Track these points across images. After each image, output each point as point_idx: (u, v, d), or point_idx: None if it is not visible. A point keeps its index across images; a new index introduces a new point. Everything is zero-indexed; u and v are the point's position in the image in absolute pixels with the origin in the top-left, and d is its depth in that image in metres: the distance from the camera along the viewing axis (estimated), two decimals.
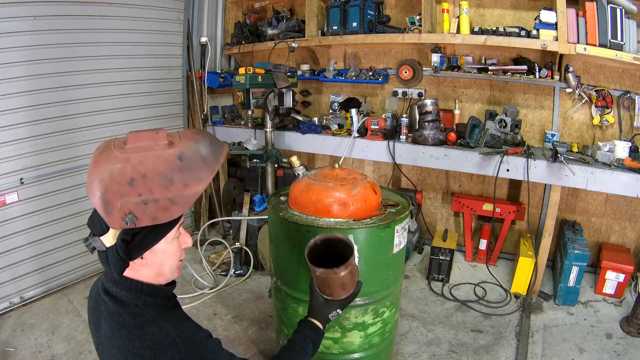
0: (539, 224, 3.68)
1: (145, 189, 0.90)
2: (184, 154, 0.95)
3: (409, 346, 2.72)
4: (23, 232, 3.06)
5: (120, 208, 0.90)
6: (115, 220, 0.91)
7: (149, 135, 0.96)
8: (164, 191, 0.92)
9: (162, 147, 0.95)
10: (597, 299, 3.24)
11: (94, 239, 1.00)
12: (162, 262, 1.06)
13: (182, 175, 0.93)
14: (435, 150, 3.28)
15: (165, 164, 0.92)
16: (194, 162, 0.95)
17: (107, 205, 0.90)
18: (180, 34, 3.95)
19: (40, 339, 2.72)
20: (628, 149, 2.88)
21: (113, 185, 0.90)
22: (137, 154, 0.93)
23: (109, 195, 0.90)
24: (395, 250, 1.95)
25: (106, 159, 0.92)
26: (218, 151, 1.01)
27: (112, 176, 0.90)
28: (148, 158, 0.92)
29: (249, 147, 3.48)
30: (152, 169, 0.91)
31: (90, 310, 1.16)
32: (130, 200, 0.90)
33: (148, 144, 0.95)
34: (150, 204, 0.91)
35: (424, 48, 3.71)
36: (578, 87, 3.26)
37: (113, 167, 0.91)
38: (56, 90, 3.10)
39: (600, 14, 2.81)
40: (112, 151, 0.94)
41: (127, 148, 0.94)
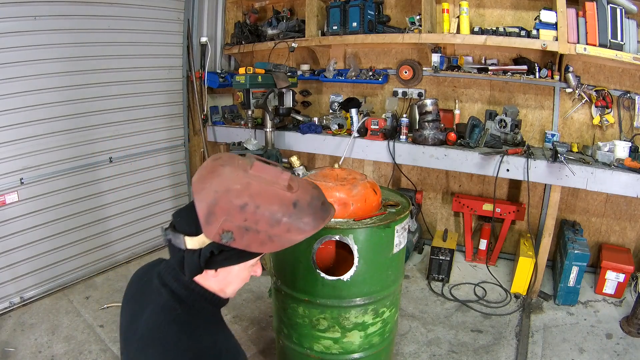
0: (539, 224, 3.68)
1: (252, 219, 0.93)
2: (299, 203, 0.98)
3: (409, 346, 2.72)
4: (23, 232, 3.06)
5: (222, 224, 0.92)
6: (212, 232, 0.93)
7: (274, 172, 0.99)
8: (267, 227, 0.94)
9: (282, 188, 0.98)
10: (597, 299, 3.24)
11: (177, 235, 0.99)
12: (230, 282, 1.08)
13: (290, 221, 0.96)
14: (435, 150, 3.28)
15: (279, 205, 0.95)
16: (304, 214, 0.98)
17: (211, 217, 0.92)
18: (180, 34, 3.95)
19: (40, 339, 2.72)
20: (628, 149, 2.88)
21: (225, 202, 0.92)
22: (259, 184, 0.95)
23: (217, 209, 0.92)
24: (395, 250, 1.95)
25: (228, 174, 0.96)
26: (326, 212, 1.05)
27: (228, 193, 0.92)
28: (267, 192, 0.95)
29: (249, 147, 3.48)
30: (267, 204, 0.94)
31: (132, 295, 1.16)
32: (234, 222, 0.92)
33: (271, 179, 0.98)
34: (251, 232, 0.94)
35: (424, 48, 3.71)
36: (578, 87, 3.26)
37: (233, 186, 0.94)
38: (56, 90, 3.10)
39: (600, 14, 2.81)
40: (236, 169, 0.97)
41: (251, 173, 0.97)
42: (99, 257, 3.59)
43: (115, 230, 3.69)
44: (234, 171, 0.96)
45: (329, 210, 1.06)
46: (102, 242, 3.60)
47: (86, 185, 3.41)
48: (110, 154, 3.55)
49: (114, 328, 2.86)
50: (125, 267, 3.71)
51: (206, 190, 0.93)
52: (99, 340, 2.73)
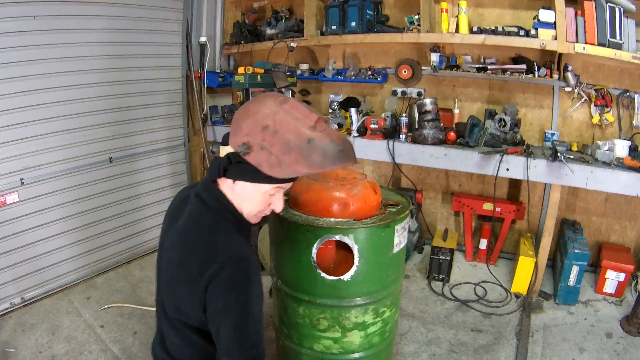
0: (539, 224, 3.68)
1: (269, 140, 1.06)
2: (314, 141, 1.07)
3: (409, 346, 2.72)
4: (24, 233, 3.06)
5: (244, 137, 1.08)
6: (234, 141, 1.10)
7: (304, 111, 1.11)
8: (279, 152, 1.06)
9: (305, 125, 1.08)
10: (597, 299, 3.24)
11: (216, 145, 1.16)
12: (244, 199, 1.20)
13: (300, 153, 1.07)
14: (435, 150, 3.28)
15: (296, 137, 1.07)
16: (315, 152, 1.08)
17: (237, 130, 1.09)
18: (180, 33, 3.95)
19: (40, 340, 2.72)
20: (627, 148, 2.87)
21: (252, 121, 1.08)
22: (285, 115, 1.08)
23: (244, 124, 1.08)
24: (395, 250, 1.95)
25: (263, 102, 1.10)
26: (338, 161, 1.11)
27: (257, 114, 1.08)
28: (289, 124, 1.07)
29: None
30: (285, 132, 1.06)
31: (172, 209, 1.32)
32: (254, 139, 1.07)
33: (299, 115, 1.09)
34: (264, 152, 1.07)
35: (423, 47, 3.71)
36: (577, 86, 3.27)
37: (265, 109, 1.09)
38: (56, 90, 3.10)
39: (599, 13, 2.81)
40: (273, 100, 1.11)
41: (283, 107, 1.10)
42: (99, 258, 3.59)
43: (115, 231, 3.69)
44: (270, 101, 1.10)
45: (344, 159, 1.12)
46: (103, 242, 3.60)
47: (86, 186, 3.41)
48: (110, 154, 3.55)
49: (115, 328, 2.86)
50: (125, 267, 3.71)
51: (244, 109, 1.12)
52: (99, 341, 2.73)
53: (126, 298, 3.23)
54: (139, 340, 2.75)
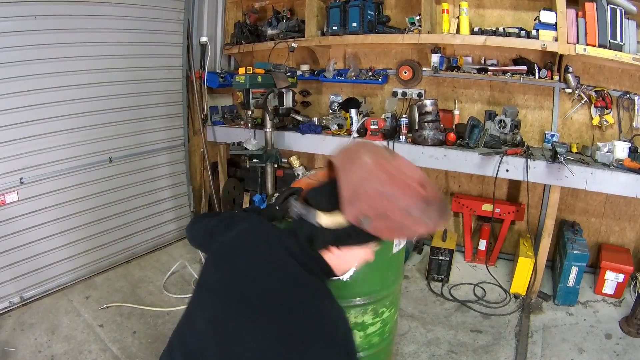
0: (538, 224, 3.68)
1: (390, 207, 1.02)
2: (429, 202, 1.06)
3: (409, 346, 2.72)
4: (23, 232, 3.06)
5: (363, 209, 1.02)
6: (352, 214, 1.03)
7: (413, 169, 1.09)
8: (400, 217, 1.03)
9: (418, 184, 1.06)
10: (596, 299, 3.24)
11: (311, 211, 1.07)
12: (347, 261, 1.16)
13: (420, 215, 1.04)
14: (435, 151, 3.28)
15: (415, 200, 1.04)
16: (431, 211, 1.06)
17: (354, 199, 1.02)
18: (180, 33, 3.95)
19: (40, 339, 2.72)
20: (627, 150, 2.87)
21: (370, 188, 1.01)
22: (401, 178, 1.04)
23: (361, 192, 1.02)
24: (394, 250, 1.95)
25: (376, 163, 1.05)
26: (446, 215, 1.12)
27: (374, 180, 1.02)
28: (408, 187, 1.04)
29: (248, 147, 3.48)
30: (406, 197, 1.03)
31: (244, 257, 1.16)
32: (374, 208, 1.02)
33: (410, 175, 1.07)
34: (386, 220, 1.03)
35: (424, 48, 3.71)
36: (577, 88, 3.27)
37: (380, 174, 1.03)
38: (56, 90, 3.10)
39: (599, 14, 2.81)
40: (383, 160, 1.06)
41: (394, 166, 1.06)
42: (98, 257, 3.59)
43: (115, 230, 3.69)
44: (379, 160, 1.05)
45: (447, 213, 1.15)
46: (102, 242, 3.60)
47: (86, 185, 3.41)
48: (110, 154, 3.54)
49: (114, 328, 2.86)
50: (125, 267, 3.71)
51: (353, 173, 1.03)
52: (98, 340, 2.73)
53: (125, 298, 3.23)
54: (138, 340, 2.75)
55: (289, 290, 1.07)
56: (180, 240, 4.25)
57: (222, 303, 1.10)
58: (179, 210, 4.28)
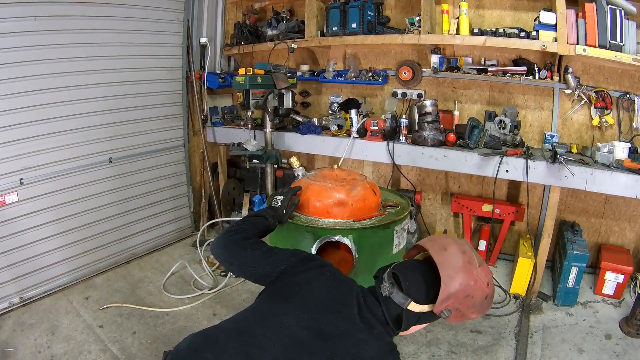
0: (538, 225, 3.68)
1: (466, 304, 1.28)
2: (489, 297, 1.33)
3: (408, 347, 2.72)
4: (23, 232, 3.06)
5: (449, 305, 1.27)
6: (439, 308, 1.27)
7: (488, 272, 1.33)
8: (469, 310, 1.30)
9: (486, 284, 1.31)
10: (596, 300, 3.24)
11: (402, 296, 1.29)
12: (412, 330, 1.39)
13: (480, 307, 1.32)
14: (435, 151, 3.28)
15: (482, 298, 1.30)
16: (487, 304, 1.34)
17: (447, 299, 1.25)
18: (180, 34, 3.95)
19: (39, 339, 2.72)
20: (627, 150, 2.87)
21: (461, 292, 1.26)
22: (481, 282, 1.29)
23: (454, 295, 1.25)
24: (394, 251, 1.96)
25: (470, 271, 1.28)
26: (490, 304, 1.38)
27: (465, 287, 1.26)
28: (481, 289, 1.29)
29: (248, 147, 3.48)
30: (478, 297, 1.29)
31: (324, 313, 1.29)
32: (455, 305, 1.27)
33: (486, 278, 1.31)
34: (459, 312, 1.29)
35: (424, 49, 3.71)
36: (577, 88, 3.27)
37: (470, 282, 1.27)
38: (56, 91, 3.10)
39: (599, 15, 2.81)
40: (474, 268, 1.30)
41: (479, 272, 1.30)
42: (98, 258, 3.59)
43: (114, 231, 3.69)
44: (473, 269, 1.29)
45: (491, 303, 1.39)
46: (102, 242, 3.60)
47: (86, 186, 3.41)
48: (109, 155, 3.55)
49: (114, 328, 2.86)
50: (124, 267, 3.71)
51: (455, 280, 1.26)
52: (98, 341, 2.73)
53: (125, 298, 3.22)
54: (138, 340, 2.75)
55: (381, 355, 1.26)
56: (180, 241, 4.25)
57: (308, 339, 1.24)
58: (179, 211, 4.28)
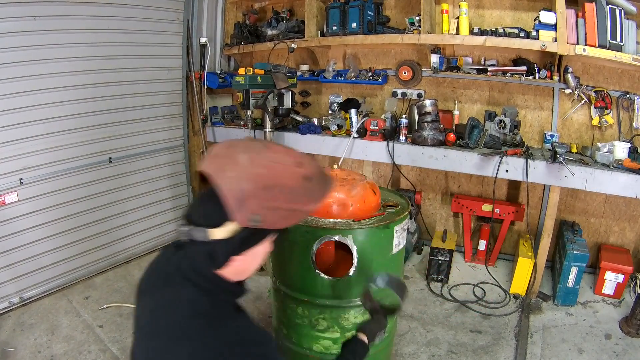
0: (538, 225, 3.68)
1: (275, 198, 1.00)
2: (308, 177, 1.06)
3: (408, 347, 2.72)
4: (22, 232, 3.06)
5: (251, 208, 0.98)
6: (243, 219, 0.98)
7: (286, 151, 1.08)
8: (288, 203, 1.02)
9: (295, 165, 1.05)
10: (596, 300, 3.24)
11: (199, 229, 1.02)
12: (252, 262, 1.11)
13: (305, 194, 1.05)
14: (435, 151, 3.28)
15: (294, 181, 1.03)
16: (314, 186, 1.07)
17: (240, 202, 0.97)
18: (180, 34, 3.95)
19: (39, 339, 2.72)
20: (627, 150, 2.88)
21: (252, 187, 0.98)
22: (275, 164, 1.03)
23: (245, 194, 0.97)
24: (394, 251, 1.95)
25: (250, 160, 1.01)
26: (330, 181, 1.14)
27: (254, 178, 0.99)
28: (286, 172, 1.03)
29: None
30: (284, 182, 1.02)
31: (150, 289, 1.16)
32: (262, 204, 0.99)
33: (284, 158, 1.05)
34: (276, 211, 1.01)
35: (424, 49, 3.71)
36: (577, 88, 3.27)
37: (257, 170, 1.00)
38: (56, 91, 3.10)
39: (599, 14, 2.81)
40: (256, 155, 1.03)
41: (269, 156, 1.04)
42: (98, 258, 3.59)
43: (114, 231, 3.69)
44: (252, 156, 1.02)
45: (330, 179, 1.16)
46: (102, 242, 3.60)
47: (86, 186, 3.41)
48: (109, 154, 3.55)
49: (114, 328, 2.86)
50: (124, 267, 3.71)
51: (231, 178, 0.98)
52: (98, 341, 2.73)
53: (125, 298, 3.22)
54: None
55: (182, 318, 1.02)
56: None
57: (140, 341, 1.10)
58: (179, 211, 4.28)
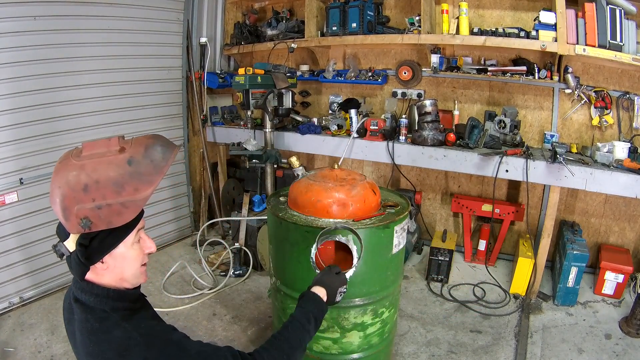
0: (538, 225, 3.68)
1: (98, 195, 0.95)
2: (133, 159, 1.00)
3: (408, 346, 2.72)
4: (23, 232, 3.06)
5: (76, 214, 0.95)
6: (73, 226, 0.96)
7: (102, 143, 1.02)
8: (116, 196, 0.96)
9: (114, 153, 1.00)
10: (596, 300, 3.24)
11: (61, 245, 1.02)
12: (123, 267, 1.07)
13: (132, 180, 0.98)
14: (435, 151, 3.28)
15: (116, 170, 0.97)
16: (143, 166, 1.00)
17: (65, 212, 0.96)
18: (180, 34, 3.95)
19: (39, 339, 2.72)
20: (627, 150, 2.88)
21: (69, 192, 0.95)
22: (91, 160, 0.98)
23: (66, 202, 0.95)
24: (394, 251, 1.96)
25: (64, 168, 0.98)
26: (166, 153, 1.06)
27: (68, 184, 0.96)
28: (101, 164, 0.98)
29: (248, 147, 3.48)
30: (104, 175, 0.96)
31: (66, 322, 1.16)
32: (85, 206, 0.95)
33: (101, 151, 1.00)
34: (104, 208, 0.96)
35: (424, 49, 3.71)
36: (577, 88, 3.27)
37: (69, 174, 0.96)
38: (56, 91, 3.10)
39: (599, 14, 2.81)
40: (70, 160, 0.99)
41: (83, 156, 1.00)
42: None
43: None
44: (68, 162, 0.99)
45: (170, 150, 1.06)
46: None
47: None
48: None
49: None
50: None
51: (53, 190, 0.97)
52: None
53: None
54: None
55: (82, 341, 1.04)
56: (179, 241, 4.25)
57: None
58: (179, 211, 4.28)
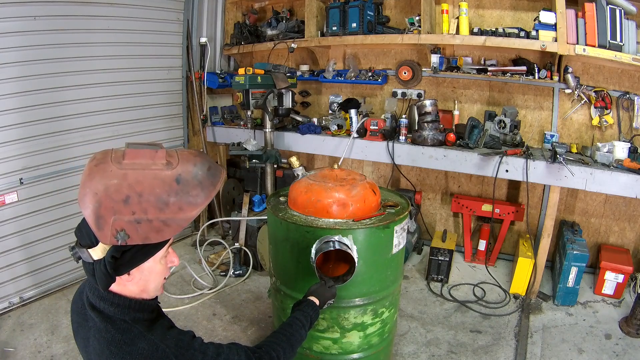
0: (538, 225, 3.68)
1: (139, 209, 0.90)
2: (181, 177, 0.94)
3: (408, 346, 2.72)
4: (23, 232, 3.06)
5: (112, 224, 0.89)
6: (106, 236, 0.90)
7: (147, 154, 0.95)
8: (158, 212, 0.91)
9: (161, 167, 0.94)
10: (596, 300, 3.24)
11: (81, 250, 0.99)
12: (148, 280, 1.05)
13: (178, 199, 0.93)
14: (435, 151, 3.28)
15: (162, 186, 0.92)
16: (191, 187, 0.95)
17: (100, 220, 0.89)
18: (180, 34, 3.95)
19: (39, 339, 2.72)
20: (627, 150, 2.88)
21: (107, 201, 0.89)
22: (135, 171, 0.92)
23: (102, 211, 0.89)
24: (394, 251, 1.95)
25: (102, 172, 0.91)
26: (216, 177, 1.01)
27: (107, 191, 0.89)
28: (146, 177, 0.92)
29: (248, 147, 3.48)
30: (149, 189, 0.91)
31: (76, 326, 1.14)
32: (123, 218, 0.89)
33: (146, 162, 0.94)
34: (143, 223, 0.91)
35: (424, 49, 3.71)
36: (577, 88, 3.27)
37: (109, 182, 0.90)
38: (56, 91, 3.10)
39: (599, 14, 2.82)
40: (109, 164, 0.92)
41: (125, 163, 0.93)
42: None
43: None
44: (107, 167, 0.92)
45: (218, 174, 1.02)
46: None
47: None
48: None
49: None
50: None
51: (87, 195, 0.90)
52: None
53: None
54: None
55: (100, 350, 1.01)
56: (179, 241, 4.25)
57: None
58: None
